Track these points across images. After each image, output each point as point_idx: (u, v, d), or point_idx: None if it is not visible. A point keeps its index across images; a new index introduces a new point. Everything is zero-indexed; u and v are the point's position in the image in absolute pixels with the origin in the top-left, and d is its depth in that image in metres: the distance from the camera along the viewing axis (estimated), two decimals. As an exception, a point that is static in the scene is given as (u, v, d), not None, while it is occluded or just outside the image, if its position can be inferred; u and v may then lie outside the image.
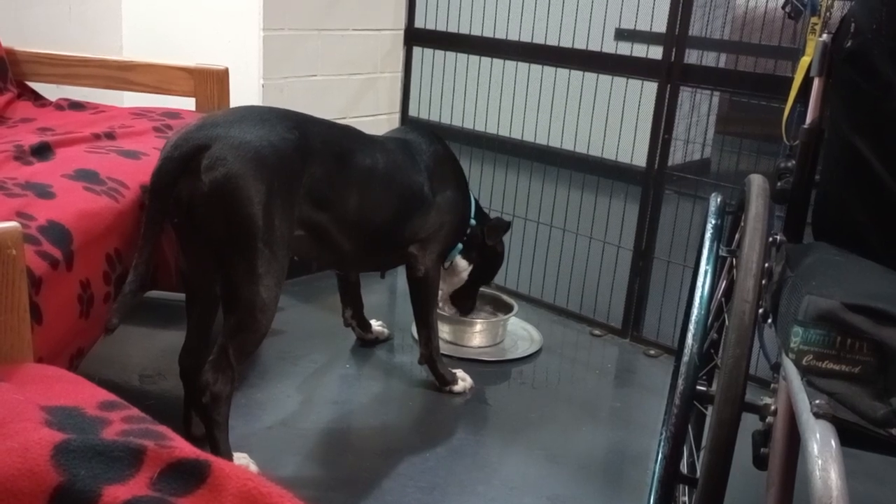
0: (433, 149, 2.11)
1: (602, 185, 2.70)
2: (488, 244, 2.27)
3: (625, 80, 2.49)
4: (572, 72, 2.61)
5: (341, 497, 1.71)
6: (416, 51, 2.97)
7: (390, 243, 2.01)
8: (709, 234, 1.55)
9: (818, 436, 0.94)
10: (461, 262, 2.28)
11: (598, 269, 2.61)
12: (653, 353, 2.48)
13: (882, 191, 1.30)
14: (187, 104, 2.30)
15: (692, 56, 2.49)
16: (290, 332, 2.43)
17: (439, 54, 2.92)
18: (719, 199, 1.62)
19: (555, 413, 2.13)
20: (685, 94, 2.74)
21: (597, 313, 2.63)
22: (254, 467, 1.72)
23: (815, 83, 1.49)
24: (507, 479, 1.81)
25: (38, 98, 2.35)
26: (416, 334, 2.32)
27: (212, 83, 2.29)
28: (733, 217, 1.58)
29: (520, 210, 2.78)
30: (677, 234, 2.53)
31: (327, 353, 2.32)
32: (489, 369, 2.33)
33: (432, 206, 2.05)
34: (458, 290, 2.36)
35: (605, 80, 2.54)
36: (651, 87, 2.40)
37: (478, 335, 2.45)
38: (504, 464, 1.87)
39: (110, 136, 1.97)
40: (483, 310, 2.59)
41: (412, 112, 3.03)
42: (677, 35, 2.32)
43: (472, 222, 2.24)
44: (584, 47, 2.55)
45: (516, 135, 2.90)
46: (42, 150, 1.78)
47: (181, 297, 1.82)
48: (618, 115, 2.56)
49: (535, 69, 2.70)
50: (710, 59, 3.45)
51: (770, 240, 1.36)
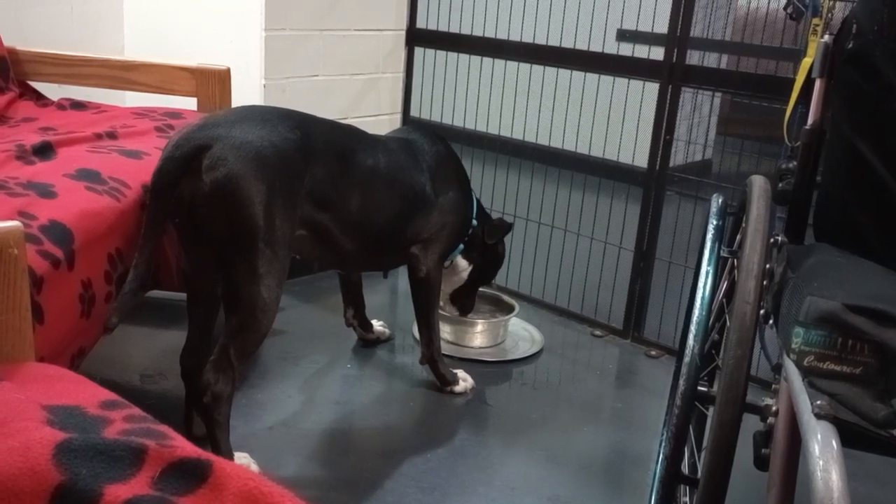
0: (435, 149, 2.11)
1: (603, 185, 2.70)
2: (488, 244, 2.27)
3: (626, 80, 2.49)
4: (574, 72, 2.61)
5: (342, 497, 1.71)
6: (418, 51, 2.97)
7: (392, 243, 2.01)
8: (710, 235, 1.55)
9: (819, 437, 0.94)
10: (461, 262, 2.28)
11: (599, 269, 2.61)
12: (654, 353, 2.48)
13: (883, 192, 1.30)
14: (189, 104, 2.30)
15: (694, 57, 2.49)
16: (292, 332, 2.43)
17: (441, 55, 2.93)
18: (721, 200, 1.62)
19: (556, 414, 2.13)
20: (687, 95, 2.74)
21: (598, 314, 2.63)
22: (255, 467, 1.72)
23: (817, 84, 1.49)
24: (509, 480, 1.81)
25: (39, 98, 2.35)
26: (417, 334, 2.31)
27: (213, 83, 2.29)
28: (735, 218, 1.58)
29: (521, 211, 2.78)
30: (678, 235, 2.53)
31: (328, 354, 2.32)
32: (490, 370, 2.33)
33: (434, 207, 2.05)
34: (457, 290, 2.35)
35: (606, 80, 2.55)
36: (652, 88, 2.40)
37: (479, 336, 2.45)
38: (505, 464, 1.87)
39: (112, 135, 1.97)
40: (484, 310, 2.59)
41: (414, 112, 3.03)
42: (679, 36, 2.32)
43: (474, 223, 2.23)
44: (585, 48, 2.55)
45: (518, 135, 2.90)
46: (44, 150, 1.78)
47: (182, 296, 1.82)
48: (619, 115, 2.56)
49: (537, 70, 2.70)
50: (711, 60, 3.44)
51: (771, 241, 1.36)
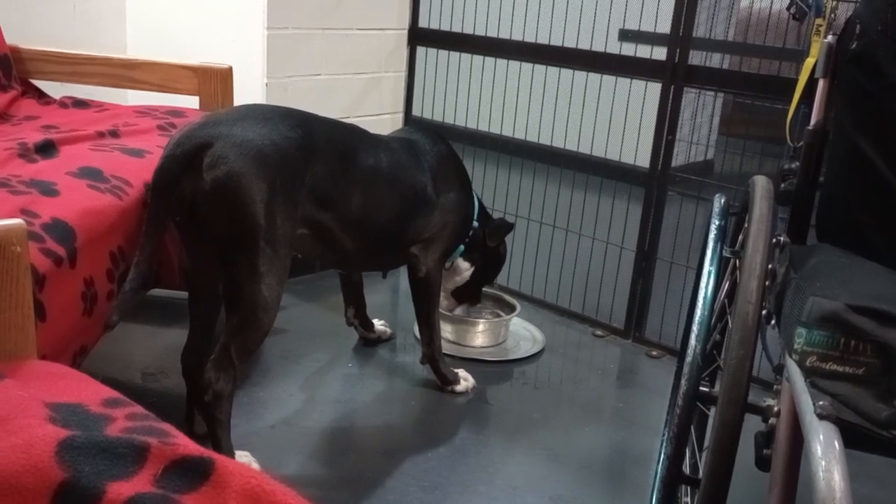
0: (437, 149, 2.11)
1: (605, 185, 2.70)
2: (490, 245, 2.27)
3: (629, 80, 2.49)
4: (576, 72, 2.61)
5: (344, 496, 1.71)
6: (420, 50, 2.97)
7: (393, 243, 2.01)
8: (712, 236, 1.54)
9: (822, 437, 0.94)
10: (462, 264, 2.28)
11: (600, 269, 2.61)
12: (655, 353, 2.48)
13: (886, 192, 1.30)
14: (191, 102, 2.31)
15: (696, 57, 2.49)
16: (293, 330, 2.43)
17: (443, 54, 2.92)
18: (723, 201, 1.62)
19: (557, 413, 2.13)
20: (689, 95, 2.74)
21: (599, 314, 2.63)
22: (256, 465, 1.72)
23: (820, 84, 1.49)
24: (510, 479, 1.81)
25: (42, 96, 2.35)
26: (418, 334, 2.31)
27: (216, 82, 2.29)
28: (737, 218, 1.58)
29: (523, 210, 2.78)
30: (680, 236, 2.53)
31: (330, 353, 2.32)
32: (491, 369, 2.33)
33: (435, 207, 2.05)
34: (459, 288, 2.36)
35: (608, 80, 2.54)
36: (655, 88, 2.40)
37: (480, 335, 2.45)
38: (506, 464, 1.87)
39: (114, 134, 1.98)
40: (486, 310, 2.59)
41: (416, 112, 3.03)
42: (681, 36, 2.32)
43: (475, 224, 2.23)
44: (588, 48, 2.55)
45: (520, 135, 2.90)
46: (46, 148, 1.78)
47: (184, 295, 1.82)
48: (621, 115, 2.56)
49: (540, 69, 2.70)
50: (714, 60, 3.44)
51: (774, 241, 1.36)
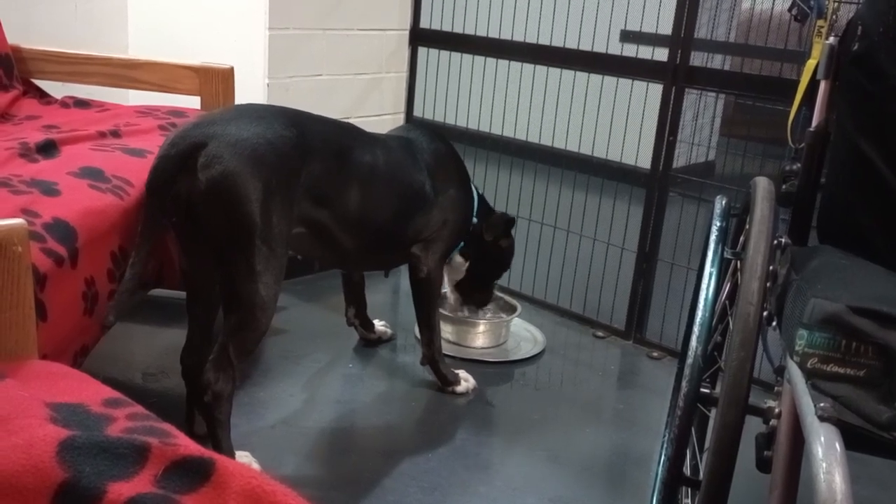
0: (434, 147, 2.11)
1: (606, 186, 2.70)
2: (486, 240, 2.25)
3: (630, 81, 2.49)
4: (578, 73, 2.61)
5: (343, 496, 1.71)
6: (422, 51, 2.97)
7: (392, 242, 2.01)
8: (713, 237, 1.54)
9: (823, 439, 0.94)
10: (457, 258, 2.27)
11: (601, 270, 2.61)
12: (656, 355, 2.47)
13: (888, 194, 1.30)
14: (192, 103, 2.31)
15: (697, 58, 2.49)
16: (293, 331, 2.43)
17: (444, 54, 2.92)
18: (724, 202, 1.62)
19: (558, 414, 2.12)
20: (690, 96, 2.74)
21: (600, 315, 2.63)
22: (256, 466, 1.72)
23: (822, 86, 1.49)
24: (510, 480, 1.81)
25: (43, 96, 2.35)
26: (418, 334, 2.31)
27: (217, 82, 2.29)
28: (738, 219, 1.58)
29: (524, 211, 2.78)
30: (681, 237, 2.53)
31: (330, 353, 2.32)
32: (492, 370, 2.33)
33: (434, 205, 2.05)
34: (461, 285, 2.35)
35: (610, 81, 2.54)
36: (656, 89, 2.40)
37: (481, 336, 2.45)
38: (506, 464, 1.87)
39: (116, 134, 1.98)
40: (486, 311, 2.58)
41: (417, 112, 3.03)
42: (683, 37, 2.32)
43: (474, 220, 2.23)
44: (589, 48, 2.55)
45: (521, 136, 2.90)
46: (47, 148, 1.78)
47: (184, 295, 1.82)
48: (623, 116, 2.56)
49: (541, 70, 2.70)
50: (715, 61, 3.44)
51: (775, 242, 1.36)
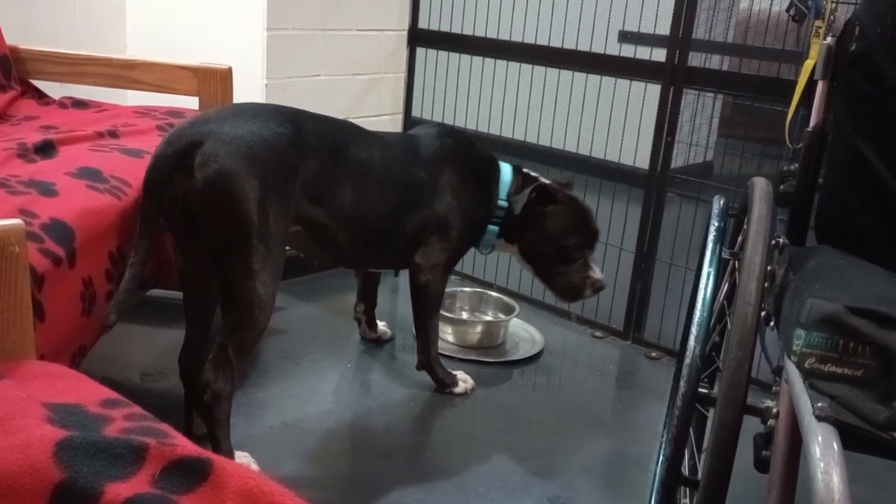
0: (439, 143, 2.03)
1: (605, 187, 2.70)
2: (534, 215, 2.05)
3: (628, 82, 2.49)
4: (576, 74, 2.61)
5: (342, 496, 1.71)
6: (420, 51, 2.97)
7: (389, 240, 1.98)
8: (711, 237, 1.54)
9: (820, 439, 0.94)
10: (507, 245, 2.13)
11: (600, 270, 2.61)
12: (654, 355, 2.48)
13: (885, 194, 1.30)
14: (191, 103, 2.30)
15: (696, 59, 2.50)
16: (292, 331, 2.43)
17: (443, 55, 2.92)
18: (722, 202, 1.62)
19: (556, 415, 2.12)
20: (688, 96, 2.74)
21: (598, 315, 2.63)
22: (255, 466, 1.72)
23: (819, 86, 1.49)
24: (508, 480, 1.81)
25: (41, 96, 2.35)
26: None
27: (215, 82, 2.29)
28: (736, 220, 1.58)
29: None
30: (679, 237, 2.53)
31: (329, 353, 2.32)
32: (491, 370, 2.33)
33: (433, 203, 2.00)
34: (539, 273, 2.15)
35: (608, 81, 2.54)
36: (654, 90, 2.40)
37: (479, 336, 2.45)
38: (505, 465, 1.87)
39: (114, 134, 1.98)
40: (485, 311, 2.59)
41: (415, 113, 3.03)
42: (681, 38, 2.32)
43: (503, 202, 2.08)
44: (587, 49, 2.55)
45: (519, 136, 2.90)
46: (45, 148, 1.78)
47: (182, 295, 1.82)
48: (621, 117, 2.56)
49: (539, 70, 2.70)
50: (713, 61, 3.44)
51: (773, 243, 1.36)
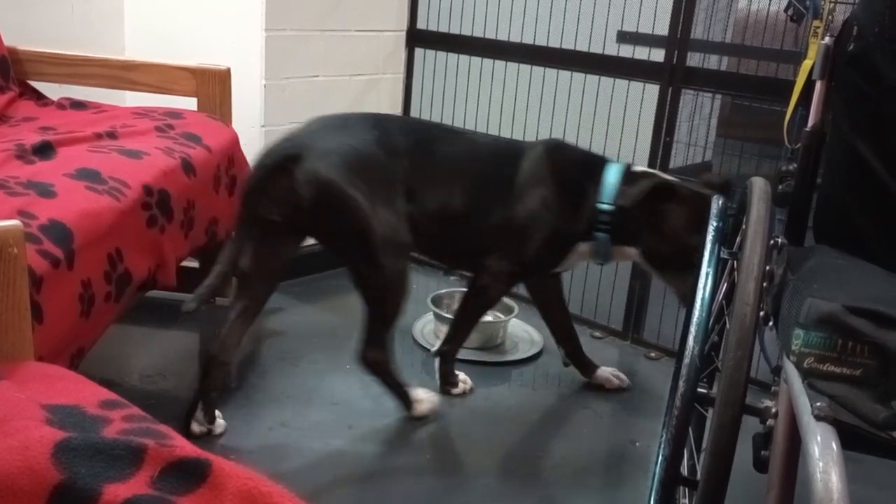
0: (537, 151, 1.98)
1: (603, 187, 2.70)
2: (649, 215, 1.93)
3: (627, 82, 2.49)
4: (574, 74, 2.61)
5: (341, 497, 1.71)
6: (419, 52, 2.97)
7: (468, 240, 1.99)
8: (710, 237, 1.54)
9: (819, 438, 0.94)
10: (628, 251, 2.01)
11: (598, 270, 2.61)
12: (653, 355, 2.48)
13: (884, 194, 1.30)
14: (189, 104, 2.30)
15: (694, 59, 2.50)
16: (291, 332, 2.43)
17: (441, 56, 2.92)
18: (721, 202, 1.62)
19: (555, 415, 2.12)
20: (687, 97, 2.74)
21: (597, 315, 2.63)
22: (436, 399, 2.02)
23: (818, 86, 1.49)
24: (507, 481, 1.81)
25: (40, 97, 2.35)
26: (417, 336, 2.33)
27: (214, 83, 2.29)
28: (735, 220, 1.58)
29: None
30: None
31: (327, 354, 2.32)
32: (489, 370, 2.33)
33: (516, 210, 1.94)
34: (663, 276, 2.03)
35: (606, 82, 2.54)
36: (653, 90, 2.40)
37: (478, 336, 2.45)
38: (504, 465, 1.87)
39: (112, 135, 1.97)
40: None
41: (414, 113, 3.03)
42: (679, 38, 2.32)
43: (604, 206, 1.94)
44: (586, 49, 2.55)
45: (518, 136, 2.89)
46: (44, 150, 1.78)
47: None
48: (619, 117, 2.56)
49: (538, 71, 2.70)
50: (712, 62, 3.44)
51: (771, 243, 1.36)
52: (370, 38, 2.84)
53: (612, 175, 1.97)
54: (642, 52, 2.45)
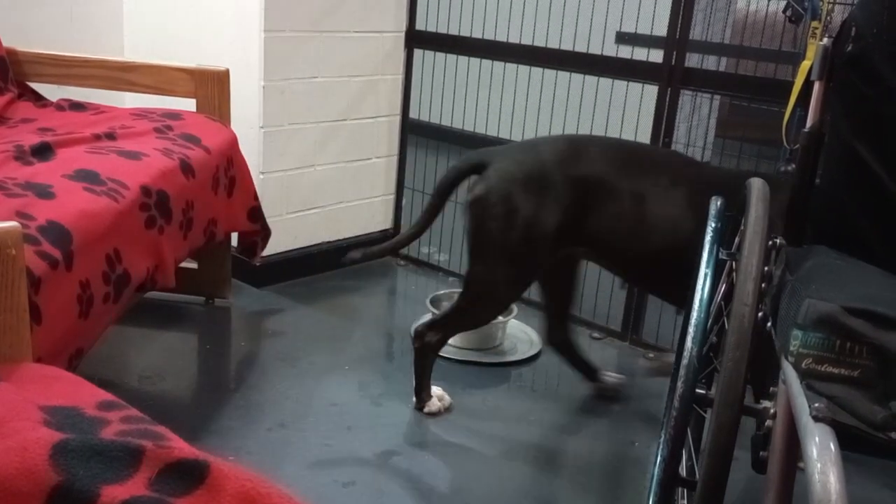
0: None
1: (602, 188, 2.70)
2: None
3: (625, 83, 2.49)
4: (573, 75, 2.61)
5: (340, 498, 1.71)
6: (417, 53, 2.97)
7: (670, 273, 1.88)
8: (709, 238, 1.54)
9: (817, 439, 0.94)
10: None
11: (597, 271, 2.61)
12: (652, 356, 2.48)
13: (882, 195, 1.30)
14: (188, 105, 2.31)
15: (693, 60, 2.50)
16: (289, 333, 2.43)
17: (440, 56, 2.93)
18: (719, 203, 1.62)
19: (553, 415, 2.12)
20: (686, 97, 2.74)
21: (596, 316, 2.63)
22: (447, 399, 2.08)
23: (816, 87, 1.49)
24: (506, 481, 1.81)
25: (38, 98, 2.35)
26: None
27: (212, 84, 2.29)
28: (733, 220, 1.58)
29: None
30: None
31: (326, 355, 2.32)
32: (488, 371, 2.33)
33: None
34: None
35: (605, 83, 2.55)
36: (652, 91, 2.41)
37: (477, 337, 2.45)
38: (502, 466, 1.87)
39: (111, 136, 1.97)
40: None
41: (413, 114, 3.03)
42: (678, 38, 2.32)
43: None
44: (584, 50, 2.55)
45: (517, 137, 2.89)
46: (42, 151, 1.78)
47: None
48: (618, 118, 2.56)
49: (536, 72, 2.70)
50: (710, 62, 3.45)
51: (770, 243, 1.36)
52: (369, 39, 2.84)
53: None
54: (641, 53, 2.45)
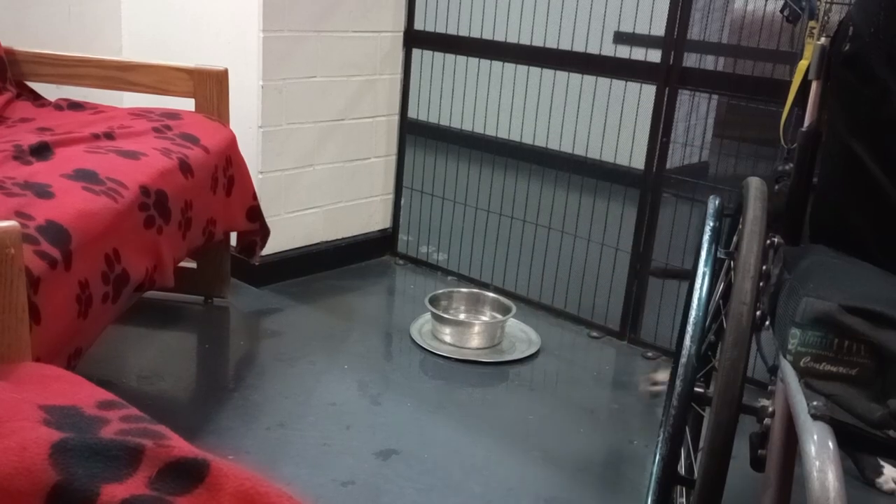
0: None
1: (600, 187, 2.71)
2: None
3: (623, 83, 2.49)
4: (571, 74, 2.62)
5: (339, 497, 1.71)
6: (416, 53, 2.97)
7: None
8: (707, 237, 1.55)
9: (816, 437, 0.94)
10: None
11: (596, 271, 2.62)
12: (650, 355, 2.48)
13: (879, 194, 1.31)
14: (187, 105, 2.30)
15: (690, 59, 2.50)
16: (288, 333, 2.43)
17: (438, 56, 2.93)
18: (717, 202, 1.63)
19: (552, 415, 2.13)
20: (683, 97, 2.75)
21: (595, 315, 2.64)
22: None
23: (813, 87, 1.49)
24: (505, 481, 1.81)
25: (37, 98, 2.35)
26: (415, 336, 2.33)
27: (211, 84, 2.29)
28: (731, 220, 1.59)
29: (518, 212, 2.78)
30: (675, 237, 2.54)
31: (325, 355, 2.32)
32: (487, 371, 2.33)
33: None
34: None
35: (603, 82, 2.55)
36: (649, 90, 2.41)
37: (476, 336, 2.45)
38: (501, 465, 1.87)
39: (109, 136, 1.97)
40: (482, 312, 2.59)
41: (411, 114, 3.03)
42: (676, 38, 2.33)
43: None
44: (583, 50, 2.55)
45: (515, 137, 2.90)
46: (41, 150, 1.78)
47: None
48: (616, 117, 2.56)
49: (535, 71, 2.71)
50: (708, 62, 3.45)
51: (768, 242, 1.37)
52: (367, 39, 2.84)
53: None
54: (639, 53, 2.45)
